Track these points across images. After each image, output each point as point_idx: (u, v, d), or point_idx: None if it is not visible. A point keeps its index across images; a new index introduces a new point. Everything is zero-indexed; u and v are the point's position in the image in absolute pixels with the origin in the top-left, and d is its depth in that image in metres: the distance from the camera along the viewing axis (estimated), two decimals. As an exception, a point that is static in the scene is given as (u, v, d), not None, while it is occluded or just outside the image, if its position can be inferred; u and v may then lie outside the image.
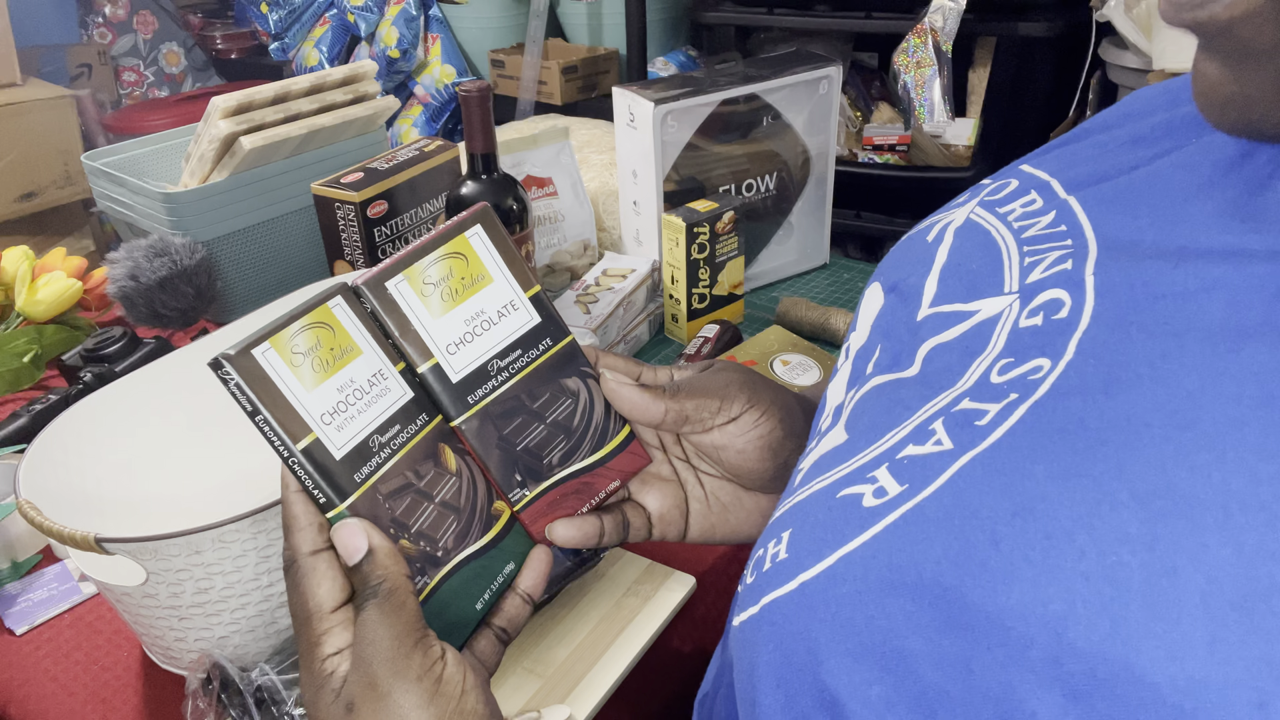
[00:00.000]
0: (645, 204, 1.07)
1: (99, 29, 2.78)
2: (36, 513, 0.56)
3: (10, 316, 1.04)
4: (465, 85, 0.89)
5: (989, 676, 0.24)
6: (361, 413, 0.42)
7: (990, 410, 0.30)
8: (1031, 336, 0.31)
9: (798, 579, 0.30)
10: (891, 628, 0.27)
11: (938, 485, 0.29)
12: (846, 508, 0.31)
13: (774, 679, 0.30)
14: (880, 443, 0.33)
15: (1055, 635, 0.23)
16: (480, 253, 0.46)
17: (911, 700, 0.25)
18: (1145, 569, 0.23)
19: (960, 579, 0.26)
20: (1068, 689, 0.23)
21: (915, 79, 1.59)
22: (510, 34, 2.44)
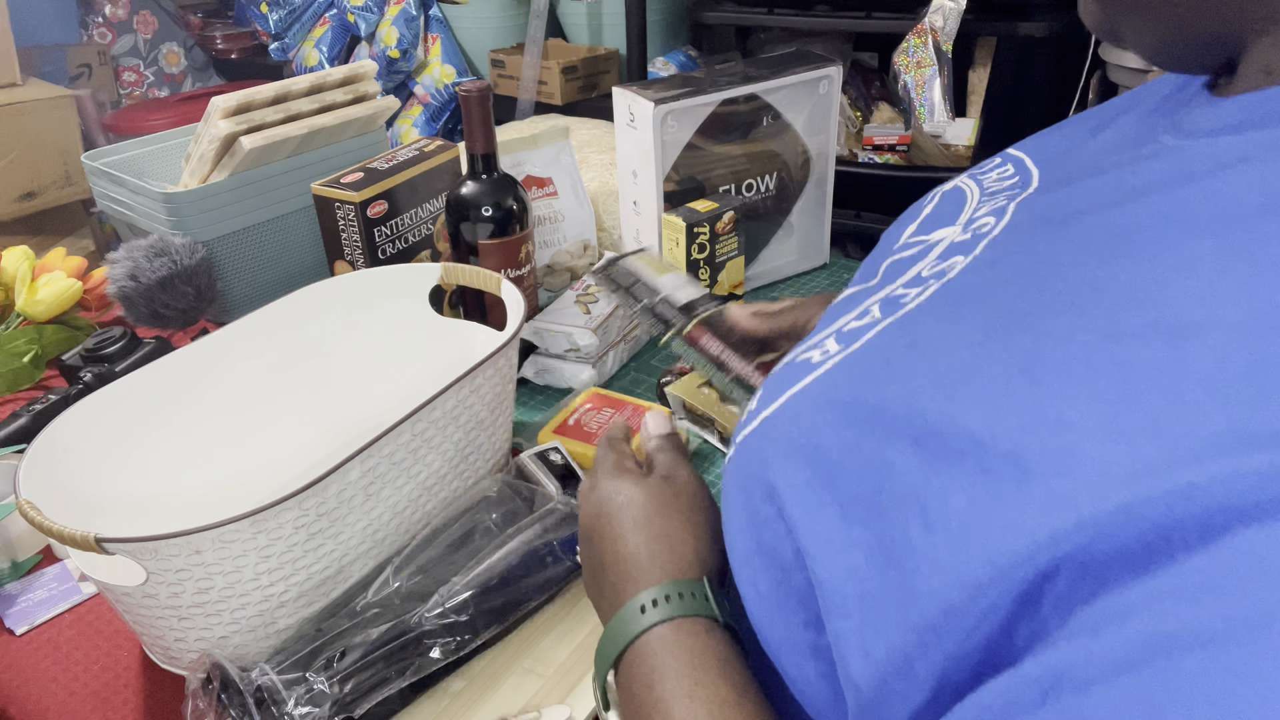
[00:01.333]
0: (645, 204, 1.07)
1: (99, 29, 2.78)
2: (36, 513, 0.56)
3: (10, 316, 1.04)
4: (465, 85, 0.89)
5: (871, 447, 0.33)
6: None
7: (913, 293, 0.40)
8: (959, 245, 0.42)
9: (759, 418, 0.41)
10: (814, 431, 0.36)
11: (862, 342, 0.39)
12: (800, 365, 0.42)
13: (737, 488, 0.40)
14: (832, 325, 0.44)
15: (910, 407, 0.32)
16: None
17: (822, 479, 0.34)
18: (975, 361, 0.32)
19: (862, 390, 0.35)
20: (914, 439, 0.31)
21: (915, 79, 1.59)
22: (510, 34, 2.44)
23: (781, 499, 0.36)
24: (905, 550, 0.30)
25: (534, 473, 0.78)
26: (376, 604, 0.63)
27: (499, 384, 0.75)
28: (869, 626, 0.31)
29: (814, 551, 0.34)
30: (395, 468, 0.66)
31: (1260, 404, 0.24)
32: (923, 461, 0.31)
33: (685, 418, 0.91)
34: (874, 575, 0.31)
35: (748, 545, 0.39)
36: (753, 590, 0.39)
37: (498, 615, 0.64)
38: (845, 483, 0.33)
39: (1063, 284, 0.32)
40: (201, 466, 0.75)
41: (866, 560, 0.31)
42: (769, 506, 0.37)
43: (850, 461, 0.33)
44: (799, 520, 0.35)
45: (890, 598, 0.30)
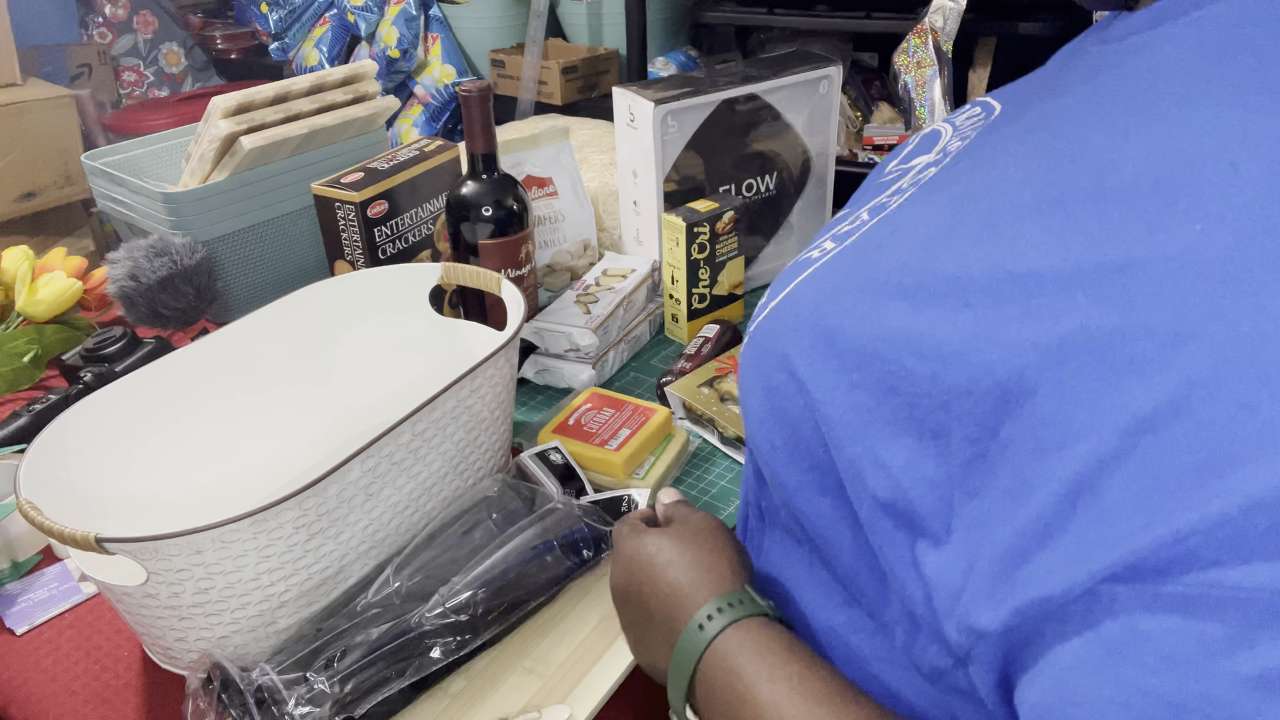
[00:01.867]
0: (645, 204, 1.07)
1: (99, 29, 2.78)
2: (36, 513, 0.56)
3: (10, 316, 1.04)
4: (465, 85, 0.89)
5: (865, 306, 0.39)
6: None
7: (897, 199, 0.47)
8: (935, 163, 0.49)
9: (769, 308, 0.47)
10: (819, 308, 0.42)
11: (855, 237, 0.46)
12: (801, 263, 0.49)
13: (753, 367, 0.46)
14: (828, 232, 0.51)
15: (900, 271, 0.38)
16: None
17: (824, 339, 0.40)
18: (946, 228, 0.38)
19: (859, 268, 0.42)
20: (903, 294, 0.38)
21: (915, 79, 1.59)
22: (510, 34, 2.44)
23: (793, 364, 0.42)
24: (903, 377, 0.36)
25: (534, 473, 0.78)
26: (376, 604, 0.63)
27: (499, 384, 0.75)
28: (882, 445, 0.37)
29: (822, 398, 0.40)
30: (395, 468, 0.66)
31: (1162, 207, 0.31)
32: (911, 308, 0.37)
33: (685, 417, 0.91)
34: (876, 405, 0.37)
35: (763, 410, 0.45)
36: (768, 446, 0.45)
37: (498, 615, 0.64)
38: (844, 340, 0.39)
39: (1008, 159, 0.39)
40: (202, 466, 0.75)
41: (869, 396, 0.38)
42: (781, 374, 0.43)
43: (847, 322, 0.39)
44: (808, 378, 0.41)
45: (898, 415, 0.36)
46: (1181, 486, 0.27)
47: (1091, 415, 0.29)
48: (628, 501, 0.76)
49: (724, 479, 0.84)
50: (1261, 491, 0.26)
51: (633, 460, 0.80)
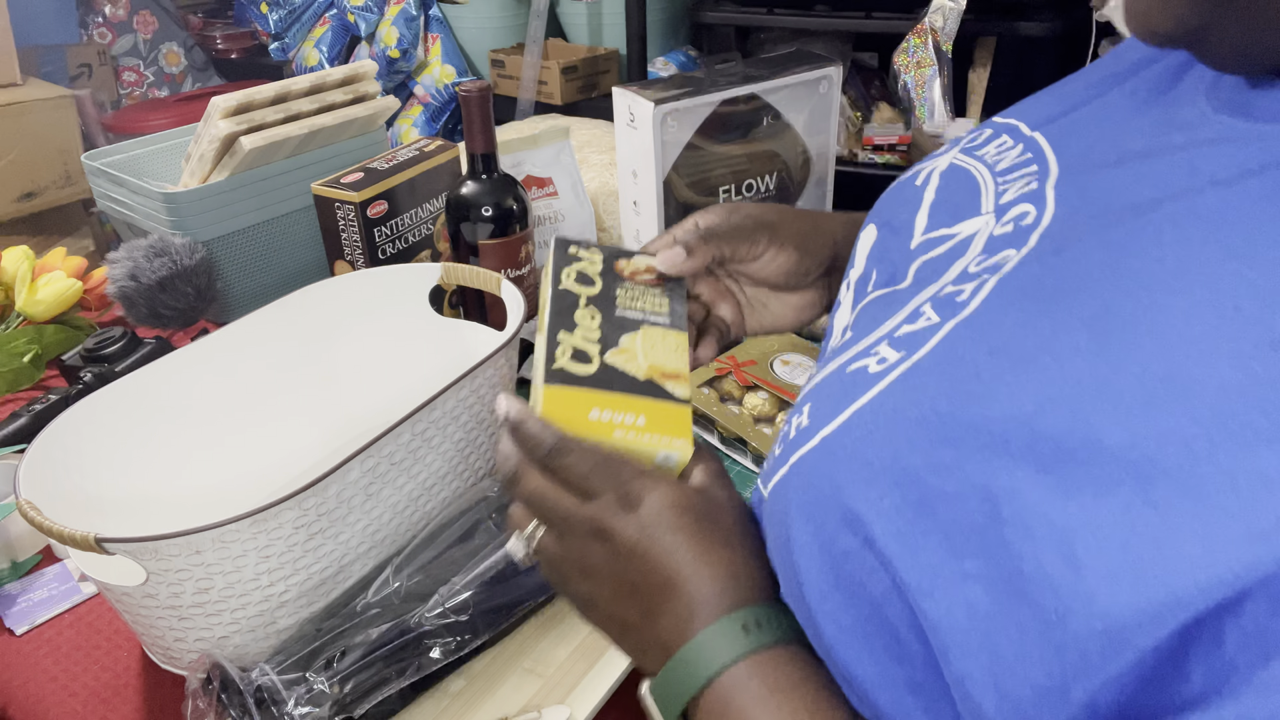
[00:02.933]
0: (645, 204, 1.07)
1: (99, 29, 2.78)
2: (36, 513, 0.56)
3: (10, 316, 1.04)
4: (465, 85, 0.89)
5: (976, 470, 0.30)
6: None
7: (968, 289, 0.37)
8: (1003, 238, 0.39)
9: (818, 436, 0.37)
10: (897, 452, 0.33)
11: (929, 347, 0.36)
12: (855, 376, 0.38)
13: (804, 515, 0.37)
14: (880, 330, 0.41)
15: (1029, 428, 0.29)
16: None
17: (916, 503, 0.32)
18: (1093, 369, 0.29)
19: (951, 406, 0.32)
20: (1039, 464, 0.29)
21: (915, 79, 1.59)
22: (510, 34, 2.44)
23: (868, 528, 0.33)
24: (1040, 584, 0.27)
25: (534, 473, 0.78)
26: (376, 604, 0.63)
27: (499, 384, 0.75)
28: (1002, 667, 0.29)
29: (920, 586, 0.31)
30: (395, 468, 0.66)
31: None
32: (1054, 485, 0.28)
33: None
34: (1000, 612, 0.29)
35: (824, 580, 0.36)
36: (834, 626, 0.36)
37: (498, 615, 0.64)
38: (947, 509, 0.31)
39: (1172, 280, 0.30)
40: (201, 466, 0.75)
41: (988, 595, 0.29)
42: (850, 537, 0.34)
43: (950, 485, 0.31)
44: (896, 553, 0.32)
45: (1027, 636, 0.28)
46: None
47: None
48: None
49: (724, 479, 0.84)
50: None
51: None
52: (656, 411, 0.47)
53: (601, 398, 0.47)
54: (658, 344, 0.51)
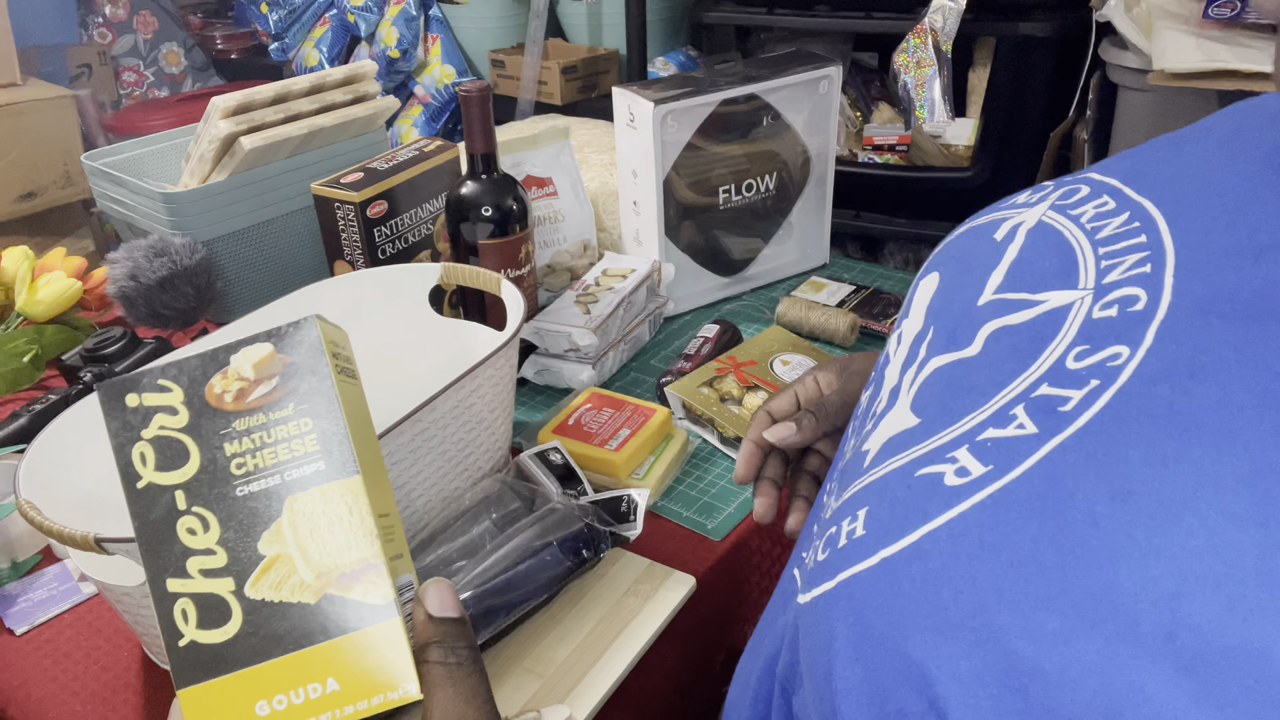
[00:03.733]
0: (645, 204, 1.07)
1: (99, 29, 2.78)
2: (36, 513, 0.56)
3: (10, 316, 1.04)
4: (465, 85, 0.89)
5: (1093, 651, 0.24)
6: None
7: (1074, 396, 0.30)
8: (1107, 325, 0.32)
9: (878, 555, 0.31)
10: (982, 602, 0.27)
11: (1027, 467, 0.29)
12: (928, 486, 0.31)
13: (852, 652, 0.30)
14: (957, 425, 0.33)
15: (1168, 611, 0.23)
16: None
17: (1002, 673, 0.26)
18: (1259, 546, 0.23)
19: (1060, 557, 0.26)
20: (1181, 664, 0.23)
21: (915, 79, 1.59)
22: (510, 34, 2.44)
23: (936, 691, 0.27)
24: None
25: (534, 473, 0.78)
26: (376, 604, 0.63)
27: (499, 384, 0.75)
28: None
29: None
30: (395, 467, 0.66)
31: None
32: (1200, 694, 0.22)
33: (685, 417, 0.91)
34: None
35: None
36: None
37: (498, 615, 0.64)
38: (1044, 692, 0.25)
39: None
40: (201, 466, 0.75)
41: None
42: (911, 695, 0.28)
43: (1051, 662, 0.25)
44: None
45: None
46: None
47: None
48: (627, 501, 0.76)
49: (724, 479, 0.84)
50: None
51: (632, 460, 0.80)
52: (351, 657, 0.33)
53: (262, 677, 0.33)
54: (320, 520, 0.34)
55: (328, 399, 0.34)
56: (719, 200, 1.11)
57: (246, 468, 0.34)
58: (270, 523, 0.33)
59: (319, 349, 0.35)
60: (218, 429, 0.34)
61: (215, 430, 0.34)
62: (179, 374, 0.35)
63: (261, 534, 0.33)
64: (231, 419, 0.34)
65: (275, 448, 0.34)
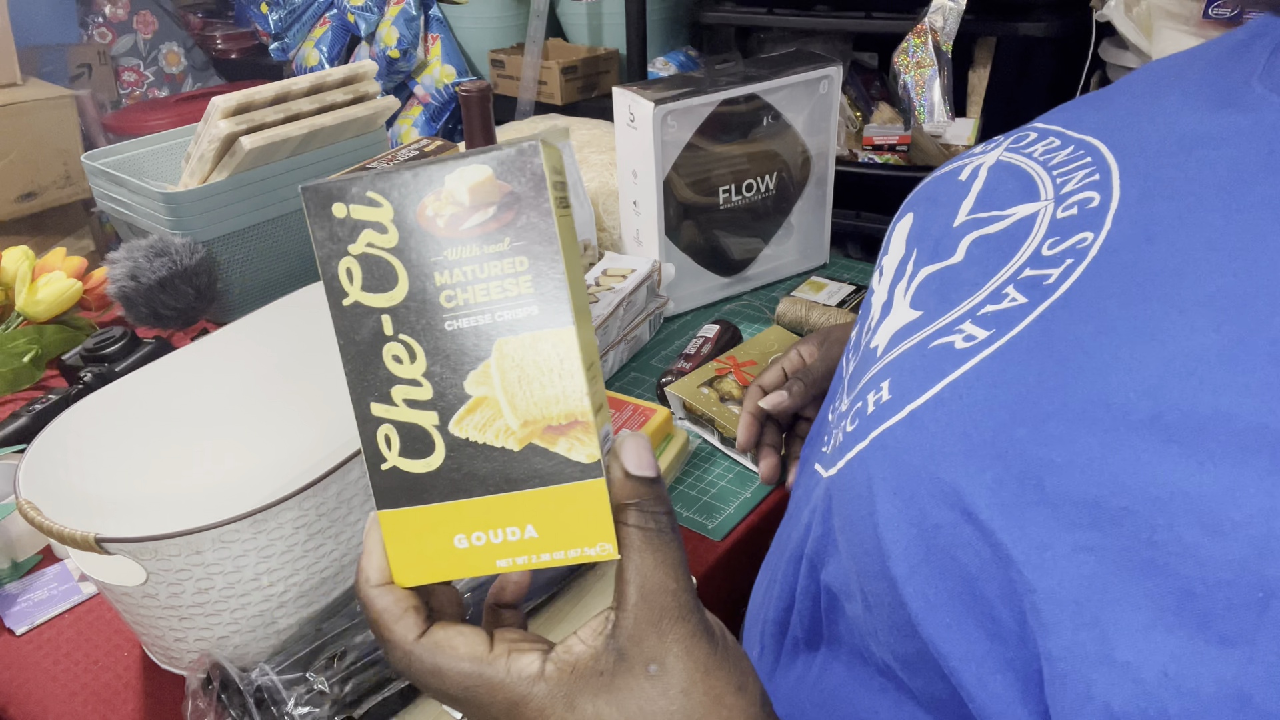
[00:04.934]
0: (645, 204, 1.07)
1: (99, 29, 2.78)
2: (36, 513, 0.56)
3: (10, 316, 1.04)
4: (465, 85, 0.89)
5: (1093, 441, 0.29)
6: None
7: (1053, 272, 0.36)
8: (1070, 221, 0.38)
9: (906, 409, 0.36)
10: (999, 424, 0.32)
11: (1023, 326, 0.35)
12: (941, 352, 0.37)
13: (891, 489, 0.35)
14: (957, 309, 0.39)
15: (1152, 400, 0.29)
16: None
17: (1020, 475, 0.31)
18: (1218, 345, 0.29)
19: (1060, 380, 0.31)
20: (1168, 435, 0.28)
21: (915, 79, 1.59)
22: (510, 34, 2.44)
23: (968, 502, 0.32)
24: (1180, 555, 0.26)
25: (534, 473, 0.78)
26: (376, 604, 0.63)
27: (499, 384, 0.75)
28: (1125, 636, 0.27)
29: (1027, 559, 0.30)
30: (395, 468, 0.66)
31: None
32: (1185, 455, 0.27)
33: (685, 417, 0.91)
34: (1121, 582, 0.28)
35: (914, 553, 0.34)
36: (922, 601, 0.34)
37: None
38: (1057, 481, 0.30)
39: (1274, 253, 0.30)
40: (202, 466, 0.75)
41: (1108, 568, 0.28)
42: (947, 511, 0.33)
43: (1060, 456, 0.30)
44: (1000, 526, 0.31)
45: (1159, 601, 0.27)
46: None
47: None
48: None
49: (724, 479, 0.84)
50: None
51: (633, 460, 0.80)
52: (551, 508, 0.33)
53: (461, 513, 0.33)
54: (529, 368, 0.32)
55: (547, 238, 0.32)
56: (719, 200, 1.11)
57: (456, 301, 0.32)
58: (478, 363, 0.32)
59: (541, 181, 0.33)
60: (428, 255, 0.32)
61: (425, 256, 0.32)
62: (389, 188, 0.32)
63: (469, 373, 0.32)
64: (443, 246, 0.32)
65: (488, 284, 0.32)
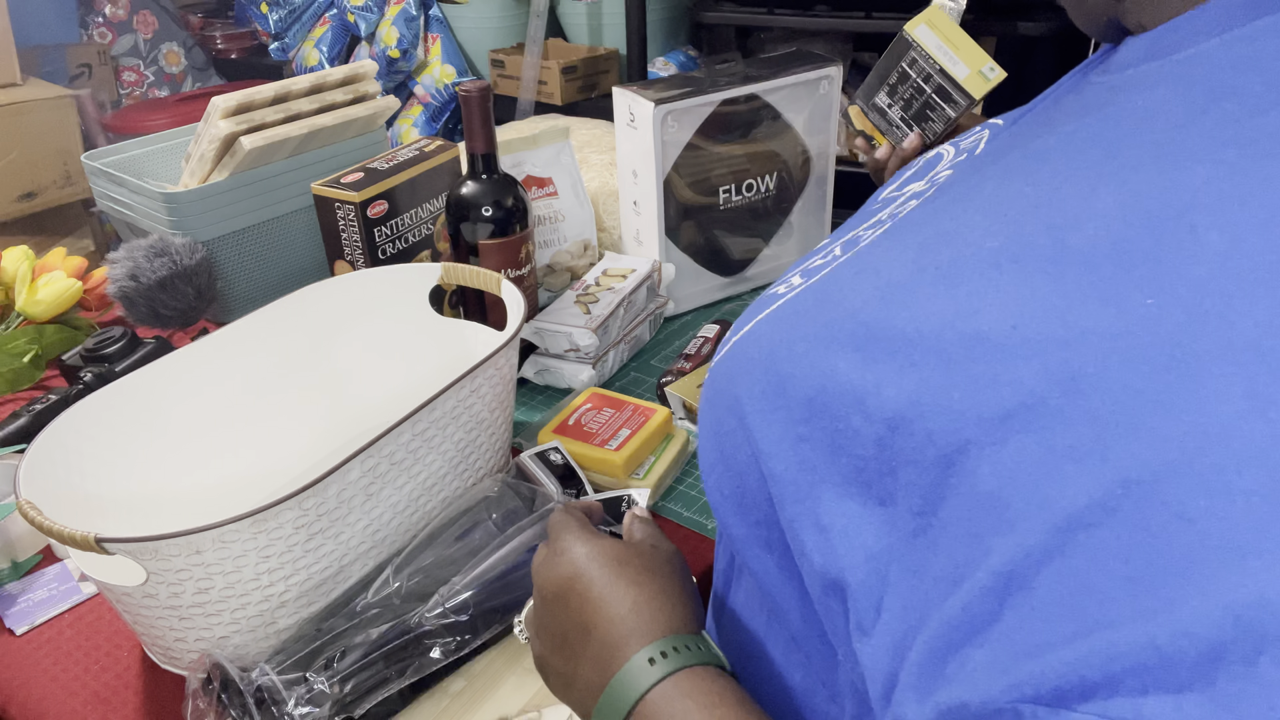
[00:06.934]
0: (645, 204, 1.07)
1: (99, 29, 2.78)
2: (36, 513, 0.56)
3: (10, 316, 1.04)
4: (465, 85, 0.89)
5: (816, 353, 0.36)
6: None
7: (870, 234, 0.44)
8: (917, 195, 0.46)
9: (730, 344, 0.45)
10: (773, 350, 0.39)
11: (823, 274, 0.42)
12: (768, 298, 0.46)
13: (708, 407, 0.44)
14: (801, 264, 0.49)
15: (853, 320, 0.35)
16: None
17: (774, 387, 0.38)
18: (908, 276, 0.35)
19: (815, 312, 0.39)
20: (855, 346, 0.34)
21: (915, 79, 1.59)
22: (510, 34, 2.44)
23: (743, 408, 0.40)
24: (850, 437, 0.33)
25: (534, 473, 0.78)
26: (376, 604, 0.63)
27: (499, 384, 0.75)
28: (824, 507, 0.35)
29: (767, 449, 0.38)
30: (395, 468, 0.66)
31: (1119, 275, 0.29)
32: (862, 361, 0.34)
33: (685, 418, 0.91)
34: (823, 463, 0.35)
35: (713, 454, 0.43)
36: (718, 494, 0.43)
37: (498, 615, 0.64)
38: (794, 389, 0.37)
39: (980, 201, 0.36)
40: (202, 466, 0.75)
41: (815, 452, 0.35)
42: (731, 418, 0.41)
43: (798, 370, 0.37)
44: (755, 424, 0.38)
45: (845, 476, 0.34)
46: (1111, 598, 0.25)
47: (1026, 503, 0.27)
48: (628, 501, 0.76)
49: (724, 479, 0.84)
50: (1191, 620, 0.24)
51: (633, 460, 0.80)
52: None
53: None
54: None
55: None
56: (719, 200, 1.11)
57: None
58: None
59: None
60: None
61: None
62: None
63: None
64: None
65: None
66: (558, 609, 0.48)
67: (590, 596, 0.47)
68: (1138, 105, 0.35)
